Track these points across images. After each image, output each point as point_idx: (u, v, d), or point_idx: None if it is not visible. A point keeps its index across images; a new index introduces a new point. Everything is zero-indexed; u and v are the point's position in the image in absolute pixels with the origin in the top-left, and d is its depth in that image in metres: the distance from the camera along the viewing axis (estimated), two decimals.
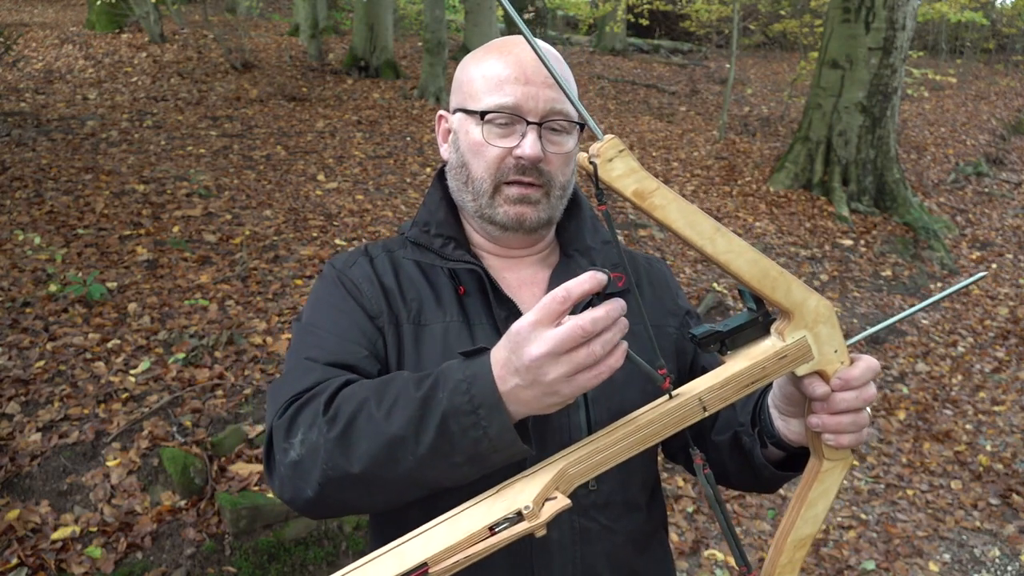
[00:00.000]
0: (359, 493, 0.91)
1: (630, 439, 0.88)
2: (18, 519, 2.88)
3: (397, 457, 0.87)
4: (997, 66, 19.05)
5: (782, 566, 0.99)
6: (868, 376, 0.94)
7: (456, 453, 0.85)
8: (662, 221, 0.84)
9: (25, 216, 5.28)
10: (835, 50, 8.11)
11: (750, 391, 0.91)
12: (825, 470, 0.98)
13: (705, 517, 3.68)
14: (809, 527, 0.99)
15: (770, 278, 0.89)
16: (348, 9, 16.62)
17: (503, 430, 0.83)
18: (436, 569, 0.80)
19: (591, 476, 0.87)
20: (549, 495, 0.84)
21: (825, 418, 0.94)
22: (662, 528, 1.23)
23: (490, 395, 0.83)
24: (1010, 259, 7.73)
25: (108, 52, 11.08)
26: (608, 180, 0.81)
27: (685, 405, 0.89)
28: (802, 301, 0.91)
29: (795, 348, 0.92)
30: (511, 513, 0.82)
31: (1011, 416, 4.97)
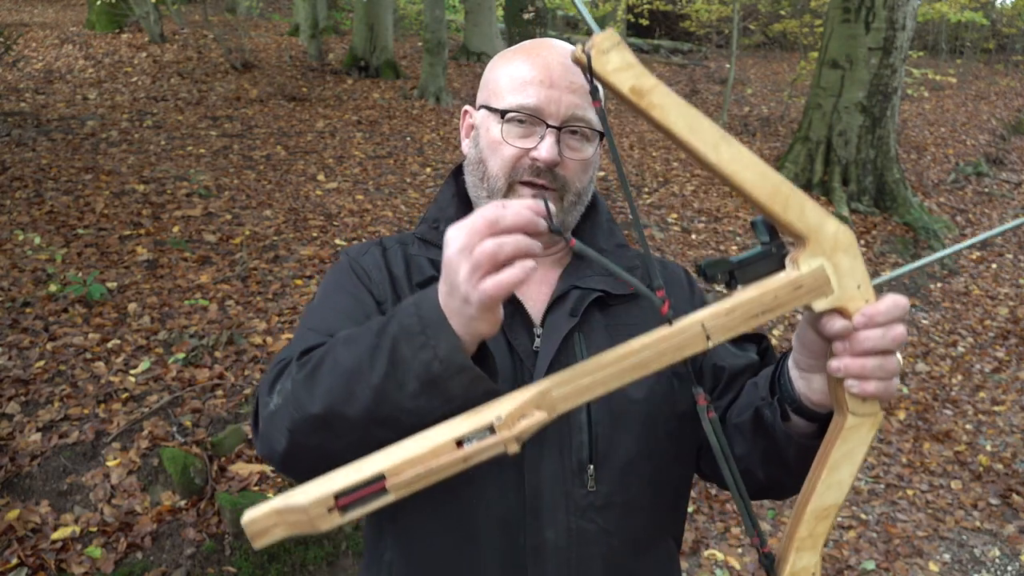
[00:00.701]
0: (324, 436, 0.87)
1: (623, 363, 0.79)
2: (18, 519, 2.88)
3: (354, 390, 0.84)
4: (997, 66, 19.06)
5: (801, 540, 0.85)
6: (896, 312, 0.82)
7: (410, 380, 0.81)
8: (660, 123, 0.77)
9: (25, 216, 5.28)
10: (835, 50, 8.11)
11: (759, 322, 0.81)
12: (850, 427, 0.85)
13: (705, 517, 3.69)
14: (833, 495, 0.85)
15: (782, 195, 0.79)
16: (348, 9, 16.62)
17: (452, 350, 0.79)
18: (394, 481, 0.74)
19: (577, 401, 0.79)
20: (526, 412, 0.76)
21: (847, 361, 0.83)
22: (670, 534, 1.19)
23: (435, 312, 0.80)
24: (1010, 259, 7.73)
25: (108, 52, 11.08)
26: (603, 74, 0.75)
27: (686, 330, 0.80)
28: (819, 225, 0.81)
29: (811, 278, 0.81)
30: (482, 426, 0.76)
31: (1011, 416, 4.97)
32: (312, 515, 0.73)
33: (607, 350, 0.80)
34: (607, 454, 1.07)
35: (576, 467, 1.05)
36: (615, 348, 0.80)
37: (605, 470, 1.07)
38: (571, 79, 1.06)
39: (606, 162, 8.49)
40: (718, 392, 1.13)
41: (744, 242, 6.75)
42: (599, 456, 1.06)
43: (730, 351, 1.15)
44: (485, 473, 1.04)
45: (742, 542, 3.56)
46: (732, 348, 1.16)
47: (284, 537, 0.75)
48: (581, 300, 1.09)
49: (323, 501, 0.73)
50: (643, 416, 1.09)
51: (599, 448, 1.06)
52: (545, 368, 1.05)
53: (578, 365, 0.79)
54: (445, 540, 1.07)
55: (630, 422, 1.08)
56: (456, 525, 1.06)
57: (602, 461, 1.06)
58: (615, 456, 1.07)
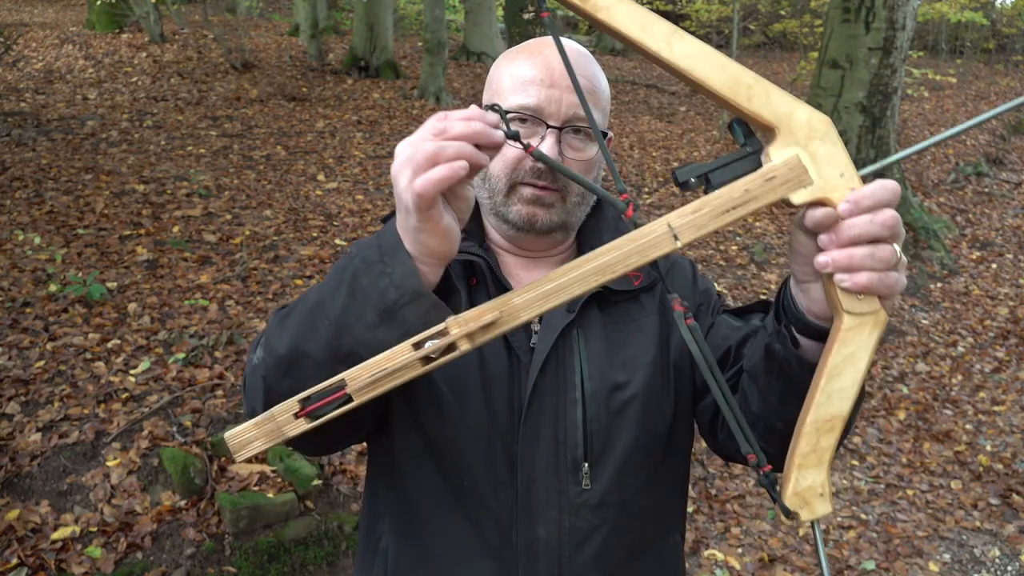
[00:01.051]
0: (293, 379, 0.84)
1: (586, 267, 0.76)
2: (18, 519, 2.88)
3: (316, 326, 0.83)
4: (997, 66, 19.05)
5: (803, 456, 0.78)
6: (883, 195, 0.75)
7: (368, 310, 0.80)
8: (608, 25, 0.73)
9: (25, 216, 5.28)
10: (835, 50, 8.11)
11: (731, 218, 0.75)
12: (848, 328, 0.77)
13: (705, 517, 3.69)
14: (836, 405, 0.77)
15: (744, 85, 0.74)
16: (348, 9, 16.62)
17: (406, 275, 0.78)
18: (354, 385, 0.75)
19: (541, 309, 0.76)
20: (484, 317, 0.74)
21: (834, 253, 0.76)
22: (673, 533, 1.18)
23: (392, 238, 0.80)
24: (1010, 259, 7.73)
25: (108, 52, 11.08)
26: None
27: (652, 231, 0.76)
28: (788, 112, 0.75)
29: (785, 168, 0.75)
30: (436, 329, 0.75)
31: (1011, 416, 4.97)
32: (279, 421, 0.76)
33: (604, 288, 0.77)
34: (602, 452, 1.06)
35: (571, 465, 1.05)
36: (581, 256, 0.77)
37: (600, 468, 1.06)
38: None
39: None
40: (725, 368, 1.09)
41: (744, 242, 6.75)
42: (594, 454, 1.06)
43: (733, 325, 1.12)
44: (480, 467, 1.05)
45: (742, 542, 3.56)
46: (735, 322, 1.13)
47: (262, 449, 0.78)
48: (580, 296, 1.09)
49: (289, 407, 0.76)
50: (638, 414, 1.08)
51: (594, 446, 1.06)
52: (541, 363, 1.04)
53: (543, 277, 0.77)
54: (441, 531, 1.07)
55: (626, 421, 1.07)
56: (451, 517, 1.06)
57: (597, 459, 1.06)
58: (611, 454, 1.07)
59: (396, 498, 1.11)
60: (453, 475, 1.06)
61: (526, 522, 1.04)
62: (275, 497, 3.09)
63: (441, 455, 1.06)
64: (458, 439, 1.05)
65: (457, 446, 1.05)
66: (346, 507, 3.24)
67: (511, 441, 1.04)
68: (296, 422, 0.76)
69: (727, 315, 1.15)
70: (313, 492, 3.23)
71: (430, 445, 1.06)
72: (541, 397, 1.05)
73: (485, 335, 0.75)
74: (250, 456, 0.78)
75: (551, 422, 1.05)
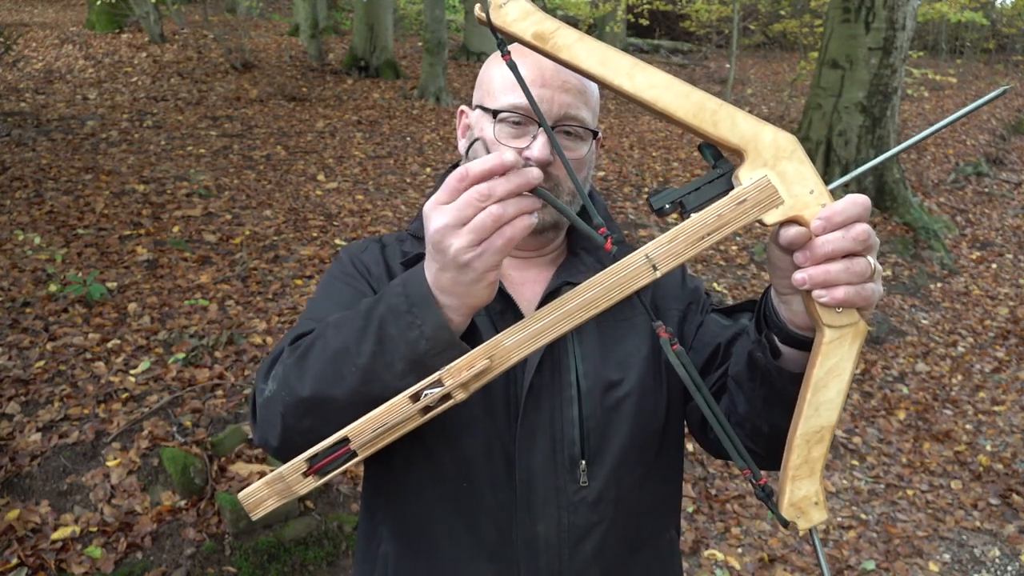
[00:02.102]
0: (314, 419, 0.87)
1: (571, 305, 0.78)
2: (18, 519, 2.88)
3: (342, 372, 0.85)
4: (997, 66, 19.05)
5: (795, 468, 0.80)
6: (854, 211, 0.76)
7: (396, 359, 0.81)
8: (570, 63, 0.76)
9: (25, 216, 5.28)
10: (835, 50, 8.11)
11: (707, 244, 0.78)
12: (829, 341, 0.79)
13: (705, 517, 3.69)
14: (823, 416, 0.80)
15: (708, 111, 0.76)
16: (348, 9, 16.61)
17: (438, 327, 0.80)
18: (358, 440, 0.78)
19: (529, 349, 0.79)
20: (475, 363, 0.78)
21: (811, 270, 0.77)
22: (669, 528, 1.19)
23: (422, 290, 0.81)
24: (1010, 259, 7.73)
25: (108, 52, 11.08)
26: (503, 26, 0.76)
27: (631, 264, 0.78)
28: (754, 135, 0.77)
29: (755, 190, 0.77)
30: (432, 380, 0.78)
31: (1011, 416, 4.97)
32: (289, 480, 0.81)
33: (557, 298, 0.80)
34: (599, 449, 1.07)
35: (568, 463, 1.06)
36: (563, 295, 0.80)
37: (597, 465, 1.07)
38: (564, 78, 1.06)
39: (607, 162, 8.49)
40: (712, 367, 1.11)
41: (744, 242, 6.75)
42: (591, 451, 1.07)
43: (721, 324, 1.14)
44: (478, 467, 1.05)
45: (742, 542, 3.56)
46: (723, 320, 1.14)
47: (277, 506, 0.82)
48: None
49: (297, 467, 0.80)
50: (634, 411, 1.09)
51: (591, 444, 1.07)
52: (536, 363, 1.05)
53: (529, 316, 0.80)
54: (440, 533, 1.07)
55: (622, 417, 1.08)
56: (451, 519, 1.06)
57: (594, 456, 1.07)
58: (607, 451, 1.08)
59: (395, 503, 1.11)
60: (451, 477, 1.06)
61: (526, 521, 1.05)
62: None
63: (439, 458, 1.06)
64: (455, 440, 1.05)
65: (455, 447, 1.05)
66: (346, 507, 3.24)
67: (508, 440, 1.05)
68: (305, 480, 0.80)
69: (716, 314, 1.17)
70: (313, 492, 3.22)
71: (427, 448, 1.06)
72: (537, 396, 1.05)
73: (479, 382, 0.79)
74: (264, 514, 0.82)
75: (548, 421, 1.06)
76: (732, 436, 0.81)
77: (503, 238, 0.75)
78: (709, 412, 0.80)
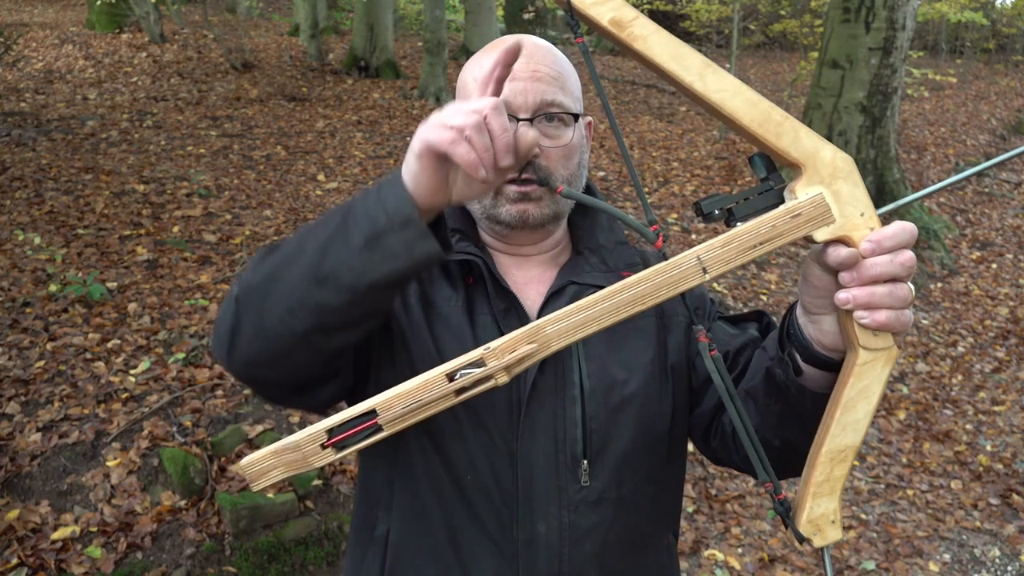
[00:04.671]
0: (264, 298, 0.87)
1: (618, 298, 0.78)
2: (18, 519, 2.88)
3: (304, 248, 0.86)
4: (997, 66, 19.06)
5: (817, 484, 0.81)
6: (904, 237, 0.79)
7: (356, 233, 0.82)
8: (643, 54, 0.75)
9: (25, 216, 5.28)
10: (835, 50, 8.11)
11: (757, 254, 0.79)
12: (863, 363, 0.80)
13: (705, 517, 3.68)
14: (849, 436, 0.81)
15: (773, 122, 0.76)
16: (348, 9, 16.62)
17: (400, 201, 0.80)
18: (385, 415, 0.75)
19: (572, 338, 0.78)
20: (518, 346, 0.76)
21: (856, 291, 0.79)
22: (668, 532, 1.19)
23: (393, 175, 0.83)
24: (1010, 259, 7.73)
25: (108, 52, 11.08)
26: (581, 8, 0.75)
27: (681, 264, 0.78)
28: (814, 151, 0.78)
29: (809, 206, 0.78)
30: (471, 359, 0.76)
31: (1011, 416, 4.97)
32: (305, 452, 0.75)
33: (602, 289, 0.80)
34: (601, 450, 1.07)
35: (570, 461, 1.05)
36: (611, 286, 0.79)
37: (599, 466, 1.07)
38: (534, 68, 1.05)
39: (607, 162, 8.49)
40: None
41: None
42: (593, 451, 1.06)
43: (729, 332, 1.14)
44: (481, 462, 1.05)
45: (742, 542, 3.56)
46: (731, 329, 1.15)
47: (282, 479, 0.77)
48: (578, 295, 1.09)
49: (315, 437, 0.75)
50: (637, 412, 1.09)
51: (593, 443, 1.06)
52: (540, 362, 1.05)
53: (573, 304, 0.79)
54: (442, 522, 1.07)
55: (625, 418, 1.08)
56: (454, 508, 1.06)
57: (596, 456, 1.07)
58: (609, 452, 1.07)
59: (398, 488, 1.10)
60: (456, 468, 1.06)
61: (527, 518, 1.05)
62: (275, 497, 3.09)
63: (444, 449, 1.06)
64: (459, 435, 1.05)
65: (458, 441, 1.05)
66: (346, 507, 3.24)
67: (511, 438, 1.05)
68: (323, 452, 0.75)
69: (722, 322, 1.17)
70: (313, 492, 3.23)
71: (433, 439, 1.06)
72: (540, 395, 1.05)
73: (521, 365, 0.77)
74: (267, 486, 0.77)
75: (550, 419, 1.05)
76: (759, 448, 0.81)
77: (482, 140, 0.76)
78: (739, 422, 0.81)
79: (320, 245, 0.84)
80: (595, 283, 1.10)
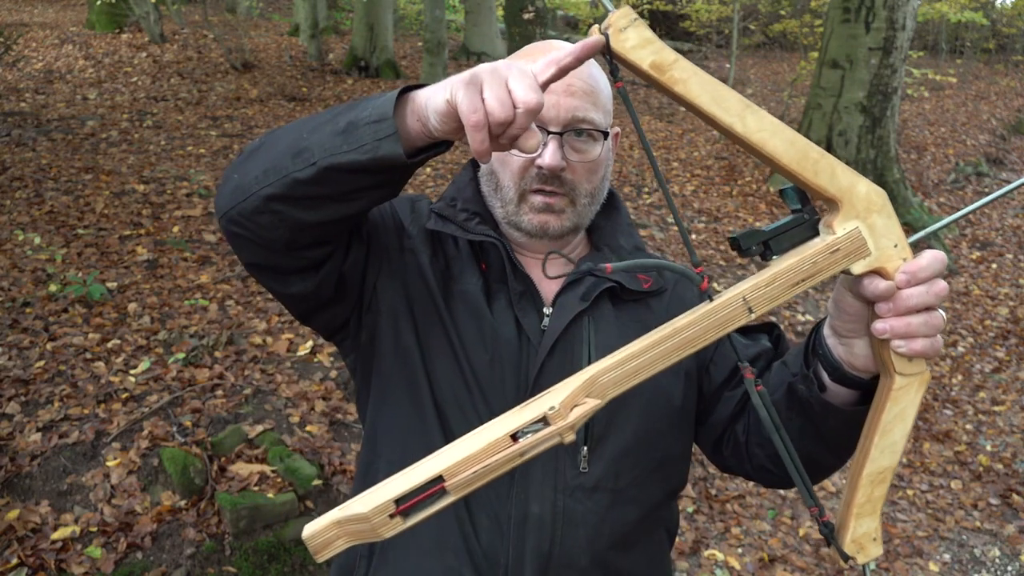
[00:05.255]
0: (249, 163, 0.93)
1: (668, 343, 0.80)
2: (18, 519, 2.88)
3: (307, 123, 0.91)
4: (997, 66, 19.05)
5: (860, 506, 0.85)
6: (936, 267, 0.83)
7: (342, 120, 0.86)
8: (683, 97, 0.77)
9: (25, 216, 5.28)
10: (835, 50, 8.11)
11: (799, 290, 0.82)
12: (899, 387, 0.84)
13: (705, 517, 3.68)
14: (887, 458, 0.85)
15: (811, 160, 0.79)
16: (348, 9, 16.62)
17: (387, 101, 0.84)
18: (453, 482, 0.75)
19: (626, 386, 0.80)
20: (578, 401, 0.78)
21: (893, 321, 0.82)
22: (662, 531, 1.19)
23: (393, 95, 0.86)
24: (1010, 259, 7.73)
25: (108, 52, 11.08)
26: (622, 52, 0.75)
27: (728, 305, 0.80)
28: (850, 187, 0.80)
29: (848, 240, 0.81)
30: (535, 418, 0.77)
31: (1011, 416, 4.97)
32: (374, 523, 0.75)
33: (651, 332, 0.81)
34: (602, 439, 1.08)
35: (570, 446, 1.06)
36: (658, 329, 0.81)
37: (598, 454, 1.08)
38: (569, 82, 1.07)
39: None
40: (732, 385, 1.15)
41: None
42: (594, 439, 1.08)
43: (741, 342, 1.17)
44: None
45: (742, 542, 3.56)
46: (743, 339, 1.17)
47: (346, 548, 0.77)
48: (594, 287, 1.12)
49: (384, 508, 0.75)
50: (642, 407, 1.10)
51: (595, 431, 1.08)
52: (550, 345, 1.07)
53: (621, 350, 0.80)
54: None
55: (629, 411, 1.09)
56: None
57: (596, 444, 1.08)
58: (610, 441, 1.09)
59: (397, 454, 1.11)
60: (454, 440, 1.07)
61: (521, 497, 1.06)
62: (275, 497, 3.09)
63: (447, 421, 1.08)
64: (462, 409, 1.07)
65: (461, 413, 1.07)
66: None
67: None
68: (392, 522, 0.76)
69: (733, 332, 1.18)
70: (313, 492, 3.23)
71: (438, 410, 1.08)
72: (547, 378, 1.07)
73: (583, 420, 0.79)
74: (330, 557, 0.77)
75: None
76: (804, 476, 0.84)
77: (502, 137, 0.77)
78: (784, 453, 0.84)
79: (317, 123, 0.89)
80: (612, 278, 1.12)
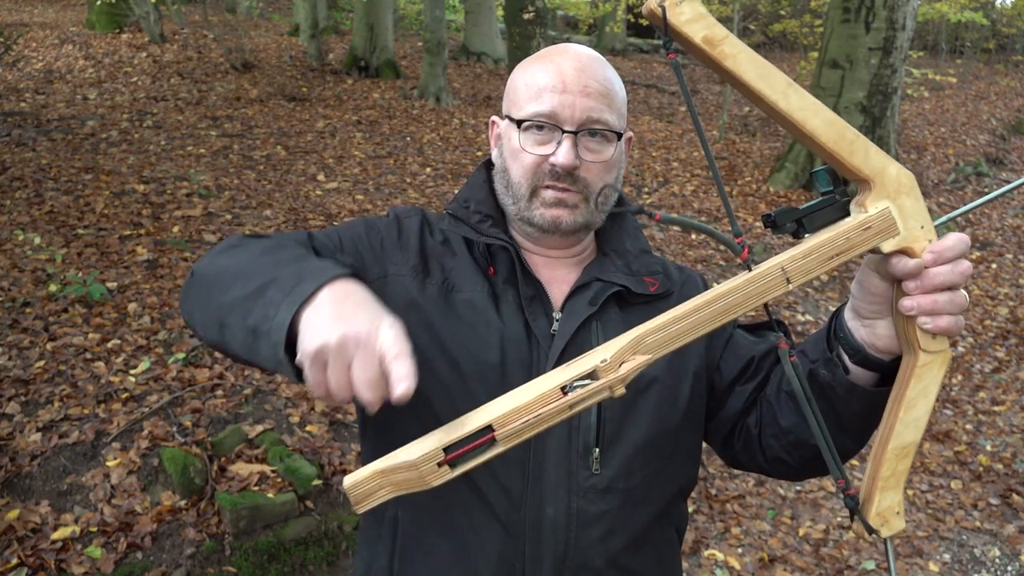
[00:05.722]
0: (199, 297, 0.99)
1: (710, 309, 0.83)
2: (18, 519, 2.88)
3: (232, 286, 0.92)
4: (997, 66, 19.05)
5: (884, 479, 0.88)
6: (961, 247, 0.86)
7: (252, 314, 0.86)
8: (733, 72, 0.79)
9: (25, 216, 5.28)
10: (835, 50, 8.11)
11: (833, 264, 0.85)
12: (923, 364, 0.87)
13: (705, 517, 3.69)
14: (911, 433, 0.88)
15: (847, 140, 0.83)
16: (348, 9, 16.62)
17: (279, 340, 0.82)
18: (503, 431, 0.76)
19: (671, 347, 0.83)
20: (626, 357, 0.80)
21: (920, 298, 0.86)
22: (672, 530, 1.20)
23: (294, 295, 0.84)
24: (1010, 259, 7.73)
25: (108, 52, 11.08)
26: (677, 25, 0.78)
27: (768, 275, 0.84)
28: (882, 168, 0.84)
29: (879, 219, 0.85)
30: (584, 372, 0.79)
31: (1011, 416, 4.97)
32: (423, 471, 0.76)
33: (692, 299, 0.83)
34: (614, 439, 1.09)
35: (582, 448, 1.08)
36: (699, 296, 0.83)
37: (610, 455, 1.09)
38: (585, 83, 1.09)
39: None
40: (744, 380, 1.16)
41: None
42: (606, 440, 1.09)
43: (750, 339, 1.19)
44: None
45: (742, 542, 3.56)
46: (751, 337, 1.19)
47: (389, 498, 0.77)
48: (602, 291, 1.13)
49: (432, 456, 0.76)
50: (652, 407, 1.11)
51: (606, 432, 1.09)
52: (560, 349, 1.08)
53: (665, 313, 0.83)
54: (453, 502, 1.08)
55: (639, 411, 1.10)
56: (463, 488, 1.07)
57: (608, 446, 1.09)
58: (622, 442, 1.10)
59: None
60: None
61: (536, 501, 1.07)
62: (275, 497, 3.09)
63: None
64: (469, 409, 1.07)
65: None
66: (346, 507, 3.24)
67: None
68: (440, 471, 0.77)
69: (740, 330, 1.22)
70: (313, 492, 3.23)
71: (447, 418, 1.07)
72: None
73: (633, 375, 0.81)
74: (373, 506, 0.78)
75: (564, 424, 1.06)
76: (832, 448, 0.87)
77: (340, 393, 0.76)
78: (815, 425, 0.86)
79: (236, 298, 0.89)
80: (619, 282, 1.13)
